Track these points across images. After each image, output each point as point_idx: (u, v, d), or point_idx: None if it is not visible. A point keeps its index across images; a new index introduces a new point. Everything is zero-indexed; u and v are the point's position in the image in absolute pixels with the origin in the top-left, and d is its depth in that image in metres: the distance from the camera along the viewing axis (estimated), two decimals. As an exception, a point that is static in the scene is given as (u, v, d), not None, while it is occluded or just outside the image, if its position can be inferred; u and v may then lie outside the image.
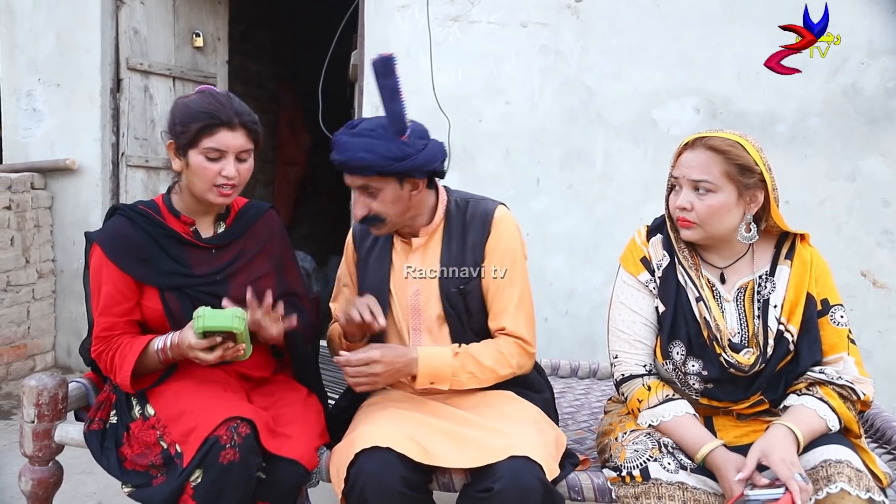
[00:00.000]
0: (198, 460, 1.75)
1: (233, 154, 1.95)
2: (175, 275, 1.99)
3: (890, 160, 3.29)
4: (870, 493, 1.61)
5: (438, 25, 3.57)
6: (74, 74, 4.10)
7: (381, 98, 1.86)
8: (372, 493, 1.73)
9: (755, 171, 1.78)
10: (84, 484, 2.87)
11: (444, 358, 1.95)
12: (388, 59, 1.83)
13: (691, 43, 3.42)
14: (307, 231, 7.37)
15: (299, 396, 2.08)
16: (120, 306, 1.97)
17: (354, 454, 1.76)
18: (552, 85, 3.55)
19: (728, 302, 1.88)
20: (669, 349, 1.89)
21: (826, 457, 1.67)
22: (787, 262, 1.87)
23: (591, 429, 2.40)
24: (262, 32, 6.58)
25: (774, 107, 3.35)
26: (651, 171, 3.42)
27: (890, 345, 3.34)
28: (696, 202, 1.81)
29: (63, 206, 4.15)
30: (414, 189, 1.95)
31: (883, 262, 3.31)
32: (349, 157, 1.88)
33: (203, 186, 1.95)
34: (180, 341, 1.89)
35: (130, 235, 1.98)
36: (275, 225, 2.20)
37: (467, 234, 2.03)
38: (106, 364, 1.97)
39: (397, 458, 1.75)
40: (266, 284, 2.05)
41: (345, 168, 1.91)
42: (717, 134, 1.82)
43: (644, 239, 1.98)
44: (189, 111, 1.93)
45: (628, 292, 1.97)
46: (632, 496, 1.76)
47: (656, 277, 1.93)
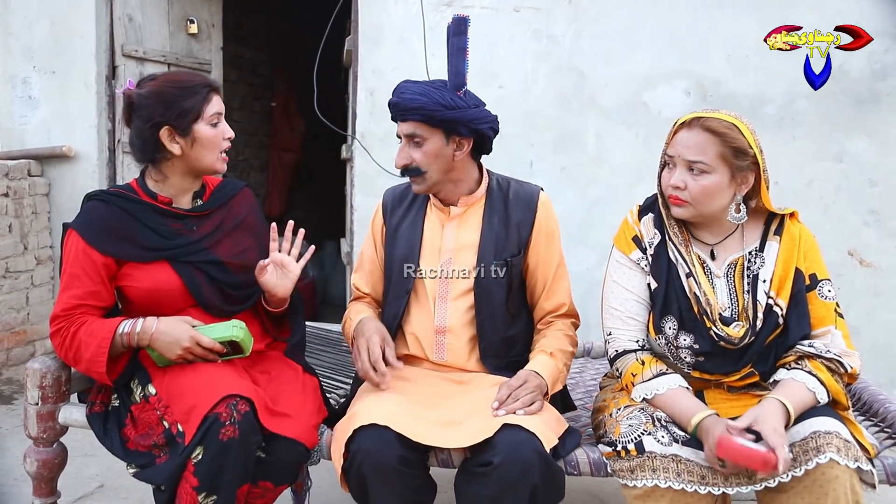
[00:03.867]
0: (198, 438, 1.77)
1: (223, 116, 2.05)
2: (157, 250, 2.01)
3: (876, 141, 3.34)
4: (858, 462, 1.66)
5: (432, 10, 3.59)
6: (69, 61, 4.10)
7: (448, 53, 1.99)
8: (369, 470, 1.76)
9: (749, 153, 1.82)
10: (87, 466, 2.89)
11: (552, 365, 2.01)
12: (463, 19, 1.99)
13: (682, 26, 3.45)
14: (302, 216, 7.39)
15: (296, 374, 2.09)
16: (85, 287, 1.95)
17: (353, 430, 1.79)
18: (545, 69, 3.58)
19: (718, 278, 1.92)
20: (662, 324, 1.92)
21: (815, 428, 1.71)
22: (777, 238, 1.91)
23: (586, 406, 2.42)
24: (256, 19, 6.56)
25: (764, 89, 3.39)
26: (643, 154, 3.46)
27: (876, 322, 3.40)
28: (689, 182, 1.84)
29: (60, 192, 4.16)
30: (458, 149, 2.01)
31: (869, 241, 3.36)
32: (404, 97, 1.97)
33: (212, 155, 2.03)
34: (164, 334, 1.93)
35: (107, 217, 1.99)
36: (252, 203, 2.25)
37: (510, 212, 2.09)
38: (66, 340, 1.93)
39: (395, 437, 1.77)
40: (250, 257, 2.09)
41: (397, 108, 1.99)
42: (714, 115, 1.84)
43: (636, 218, 2.01)
44: (178, 91, 1.99)
45: (621, 271, 2.00)
46: (627, 469, 1.80)
47: (648, 255, 1.96)
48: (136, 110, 2.00)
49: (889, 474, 1.86)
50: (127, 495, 2.73)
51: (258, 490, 1.90)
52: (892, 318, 3.37)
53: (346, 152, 3.87)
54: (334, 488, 2.73)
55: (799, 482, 1.69)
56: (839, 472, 1.65)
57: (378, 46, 3.62)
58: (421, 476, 1.85)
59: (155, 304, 2.00)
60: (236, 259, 2.08)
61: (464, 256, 2.08)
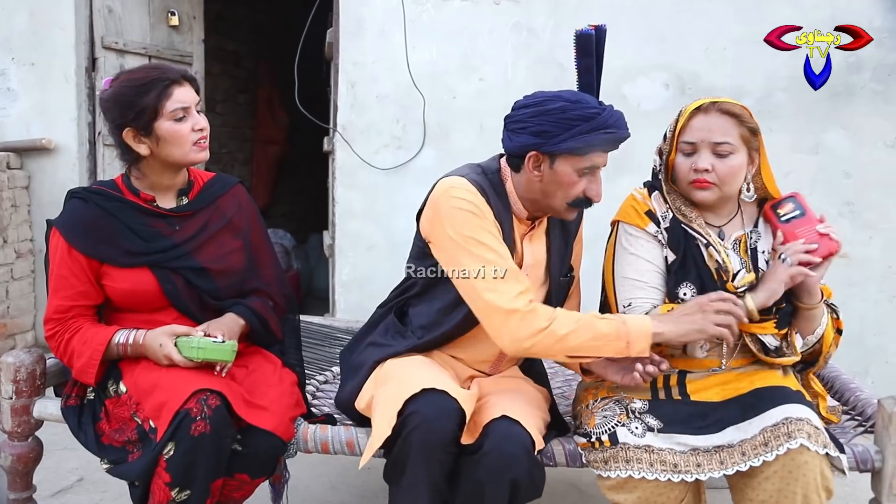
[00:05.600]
0: (169, 434, 1.76)
1: (193, 107, 1.97)
2: (138, 255, 1.98)
3: (850, 133, 3.38)
4: (826, 448, 1.71)
5: (412, 3, 3.59)
6: (49, 53, 4.08)
7: (580, 71, 1.91)
8: (420, 441, 1.66)
9: (758, 134, 1.92)
10: (66, 460, 2.89)
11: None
12: (588, 37, 1.87)
13: (661, 19, 3.47)
14: (287, 209, 7.39)
15: (274, 368, 2.09)
16: (74, 289, 1.96)
17: (410, 395, 1.68)
18: (525, 61, 3.59)
19: (728, 249, 1.98)
20: (677, 291, 1.94)
21: (787, 414, 1.75)
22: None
23: (564, 395, 2.45)
24: (238, 11, 6.54)
25: (741, 82, 3.42)
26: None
27: (849, 312, 3.39)
28: (717, 164, 1.89)
29: (40, 185, 4.15)
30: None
31: (844, 232, 3.34)
32: (623, 124, 1.84)
33: (183, 149, 1.97)
34: (150, 347, 1.92)
35: (88, 217, 1.97)
36: (243, 200, 2.18)
37: (567, 226, 2.04)
38: (60, 346, 1.96)
39: (457, 410, 1.69)
40: (234, 261, 2.08)
41: (621, 139, 1.85)
42: (724, 99, 1.92)
43: (646, 194, 2.04)
44: (133, 91, 1.93)
45: (638, 243, 1.99)
46: (601, 460, 1.82)
47: (663, 228, 1.98)
48: (103, 113, 1.99)
49: (858, 461, 1.89)
50: (106, 489, 2.73)
51: (235, 483, 1.91)
52: (866, 307, 3.41)
53: (328, 145, 3.87)
54: (315, 481, 2.78)
55: (769, 467, 1.72)
56: (809, 457, 1.69)
57: (359, 39, 3.63)
58: (453, 463, 1.75)
59: (132, 303, 2.01)
60: (218, 264, 2.06)
61: (535, 274, 2.00)
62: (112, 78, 2.01)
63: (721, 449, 1.79)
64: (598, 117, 1.77)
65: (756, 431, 1.76)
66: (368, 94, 3.65)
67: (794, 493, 1.70)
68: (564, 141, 1.77)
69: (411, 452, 1.68)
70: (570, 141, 1.77)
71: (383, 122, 3.64)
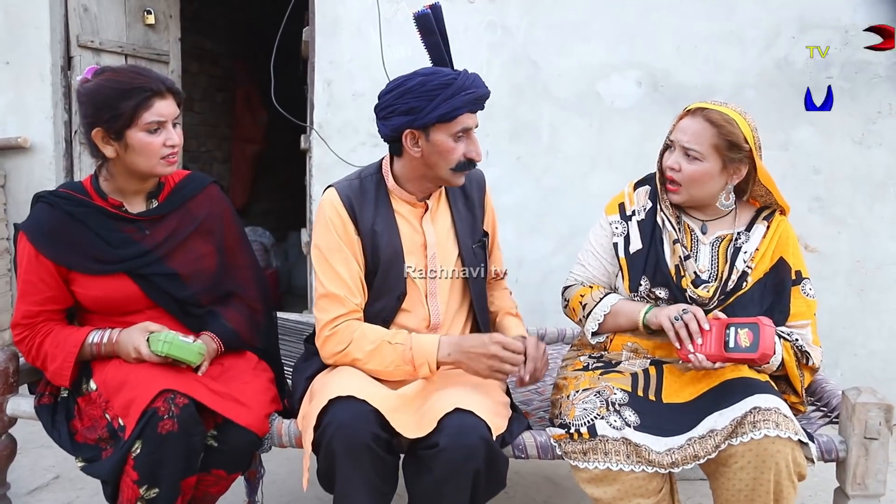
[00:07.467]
0: (137, 432, 1.76)
1: (170, 122, 1.94)
2: (107, 262, 1.96)
3: (819, 130, 3.43)
4: (798, 435, 1.76)
5: (387, 2, 3.58)
6: (24, 52, 4.05)
7: (429, 48, 2.01)
8: (340, 445, 1.72)
9: (744, 148, 1.95)
10: (43, 457, 2.89)
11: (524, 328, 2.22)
12: (426, 16, 1.98)
13: (633, 17, 3.50)
14: (266, 207, 7.38)
15: (249, 364, 2.10)
16: (43, 294, 1.95)
17: (328, 400, 1.76)
18: (499, 59, 3.61)
19: (704, 245, 2.05)
20: (639, 284, 2.05)
21: (756, 404, 1.79)
22: (765, 222, 2.06)
23: (538, 390, 2.48)
24: (215, 10, 6.51)
25: (712, 80, 3.45)
26: (596, 143, 3.51)
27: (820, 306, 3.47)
28: (683, 165, 1.98)
29: (16, 184, 4.12)
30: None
31: (814, 227, 3.45)
32: (481, 84, 1.96)
33: (150, 162, 1.93)
34: (122, 344, 1.92)
35: (54, 223, 1.94)
36: (216, 201, 2.15)
37: (469, 193, 2.13)
38: (31, 350, 1.96)
39: (371, 413, 1.75)
40: (206, 265, 2.06)
41: (482, 99, 1.96)
42: (718, 108, 1.96)
43: (631, 189, 2.16)
44: (114, 92, 1.88)
45: (595, 229, 2.19)
46: (579, 452, 1.86)
47: (636, 221, 2.10)
48: (79, 106, 1.95)
49: (824, 451, 1.94)
50: (83, 486, 2.73)
51: (211, 478, 1.92)
52: (836, 301, 3.47)
53: (305, 143, 3.88)
54: (291, 477, 2.79)
55: (743, 457, 1.77)
56: (780, 445, 1.74)
57: (334, 37, 3.63)
58: (389, 461, 1.81)
59: (104, 308, 2.00)
60: (189, 268, 2.04)
61: (447, 249, 2.07)
62: (96, 70, 1.95)
63: (693, 441, 1.83)
64: (455, 82, 1.88)
65: (727, 422, 1.80)
66: (344, 93, 3.66)
67: (768, 480, 1.75)
68: (432, 111, 1.87)
69: (336, 460, 1.74)
70: (437, 109, 1.87)
71: (359, 119, 3.65)
